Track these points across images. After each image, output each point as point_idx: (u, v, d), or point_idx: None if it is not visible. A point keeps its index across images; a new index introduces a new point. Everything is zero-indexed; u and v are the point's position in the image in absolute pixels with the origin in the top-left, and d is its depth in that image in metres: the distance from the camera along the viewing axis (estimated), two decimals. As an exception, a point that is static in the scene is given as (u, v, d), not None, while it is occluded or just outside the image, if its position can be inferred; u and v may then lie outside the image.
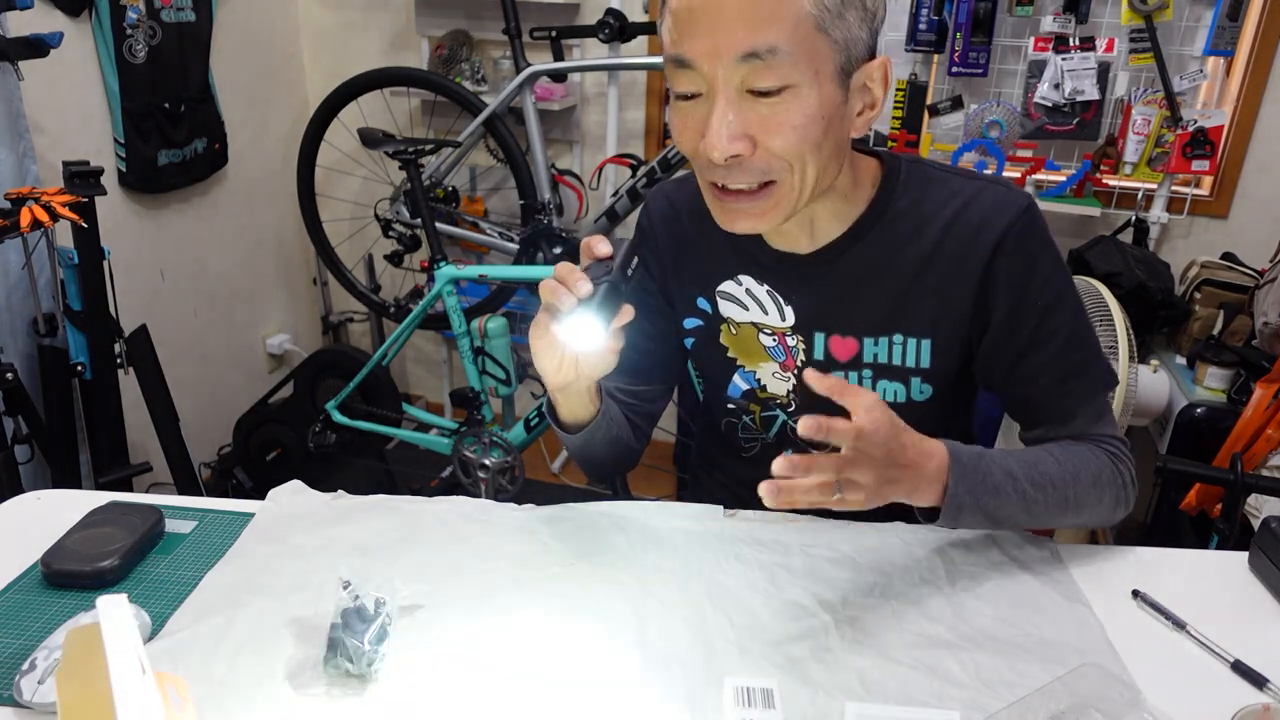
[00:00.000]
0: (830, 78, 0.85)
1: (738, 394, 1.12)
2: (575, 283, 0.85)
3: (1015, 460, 0.92)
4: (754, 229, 0.92)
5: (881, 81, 0.91)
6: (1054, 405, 1.00)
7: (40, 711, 0.75)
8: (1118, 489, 0.98)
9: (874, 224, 0.99)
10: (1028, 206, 0.96)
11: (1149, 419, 2.24)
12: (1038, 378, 0.99)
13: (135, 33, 2.29)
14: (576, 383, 0.97)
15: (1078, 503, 0.95)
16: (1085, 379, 0.99)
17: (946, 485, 0.87)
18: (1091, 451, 0.98)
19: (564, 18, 2.64)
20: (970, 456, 0.89)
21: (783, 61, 0.81)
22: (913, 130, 2.45)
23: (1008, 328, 0.97)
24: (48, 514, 1.02)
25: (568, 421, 1.05)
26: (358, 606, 0.82)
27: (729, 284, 1.07)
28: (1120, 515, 1.01)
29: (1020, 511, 0.92)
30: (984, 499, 0.89)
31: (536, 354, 0.93)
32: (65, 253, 1.93)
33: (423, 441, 2.54)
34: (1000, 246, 0.95)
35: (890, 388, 1.03)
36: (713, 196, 0.92)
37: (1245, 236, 2.37)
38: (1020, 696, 0.76)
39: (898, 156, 1.01)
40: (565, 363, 0.93)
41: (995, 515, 0.91)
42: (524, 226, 2.63)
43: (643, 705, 0.77)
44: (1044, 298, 0.96)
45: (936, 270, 0.98)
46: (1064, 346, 0.97)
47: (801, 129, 0.84)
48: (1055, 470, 0.94)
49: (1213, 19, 2.19)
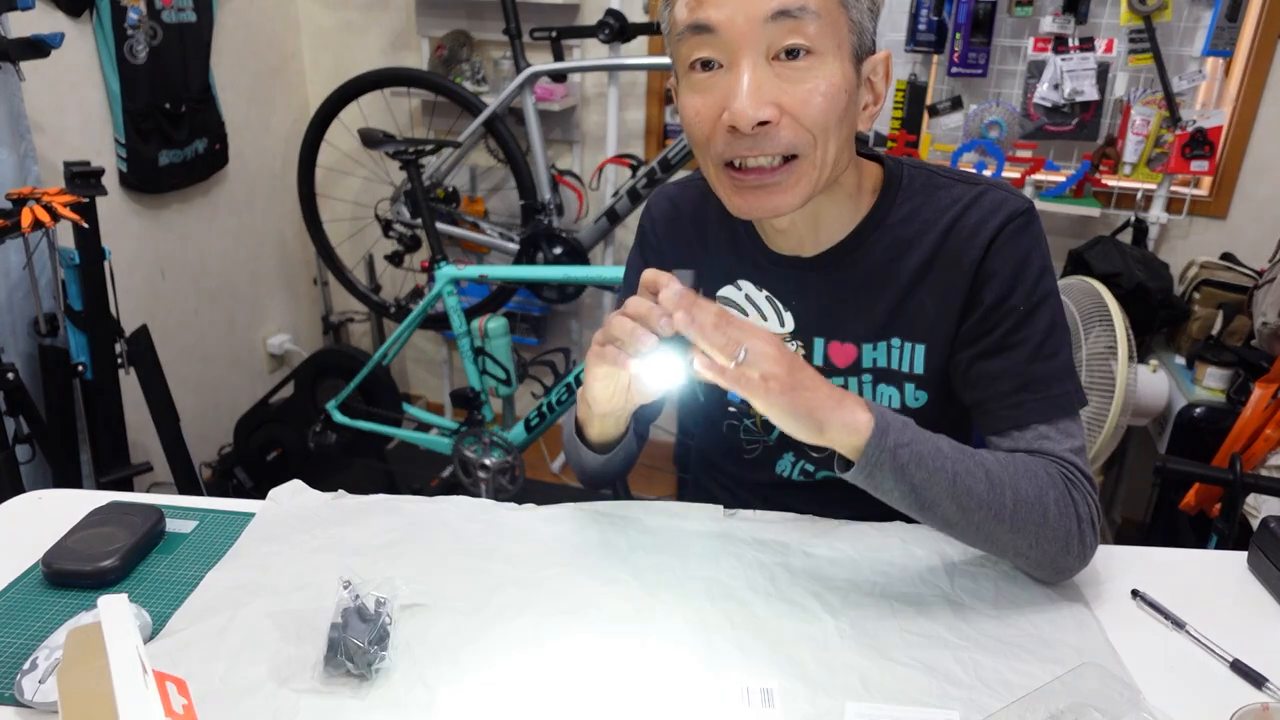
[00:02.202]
0: (848, 56, 0.85)
1: (738, 399, 1.11)
2: (656, 322, 0.81)
3: (949, 443, 0.86)
4: (774, 211, 0.89)
5: (884, 76, 0.91)
6: (1007, 413, 0.93)
7: (41, 711, 0.75)
8: (1068, 519, 0.87)
9: (875, 229, 0.98)
10: (1026, 209, 0.94)
11: (1148, 419, 2.24)
12: (995, 381, 0.94)
13: (136, 33, 2.30)
14: (623, 410, 0.96)
15: (1015, 516, 0.85)
16: (1045, 394, 0.92)
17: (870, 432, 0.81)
18: (1043, 467, 0.89)
19: (564, 18, 2.65)
20: (894, 415, 0.84)
21: (812, 23, 0.81)
22: (912, 130, 2.45)
23: (982, 326, 0.95)
24: (48, 514, 1.02)
25: (596, 442, 1.05)
26: (358, 606, 0.82)
27: (729, 289, 1.06)
28: (1074, 562, 0.89)
29: (946, 497, 0.84)
30: (907, 461, 0.82)
31: (591, 382, 0.91)
32: (66, 253, 1.93)
33: (423, 441, 2.54)
34: (993, 245, 0.94)
35: (888, 393, 1.02)
36: (728, 179, 0.89)
37: (1244, 237, 2.37)
38: (1020, 696, 0.76)
39: (900, 161, 1.00)
40: (618, 391, 0.92)
41: (920, 489, 0.83)
42: (524, 227, 2.63)
43: (643, 705, 0.77)
44: (1026, 302, 0.93)
45: (934, 275, 0.97)
46: (1029, 356, 0.93)
47: (828, 98, 0.84)
48: (994, 467, 0.86)
49: (1212, 19, 2.19)
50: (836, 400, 0.82)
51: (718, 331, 0.79)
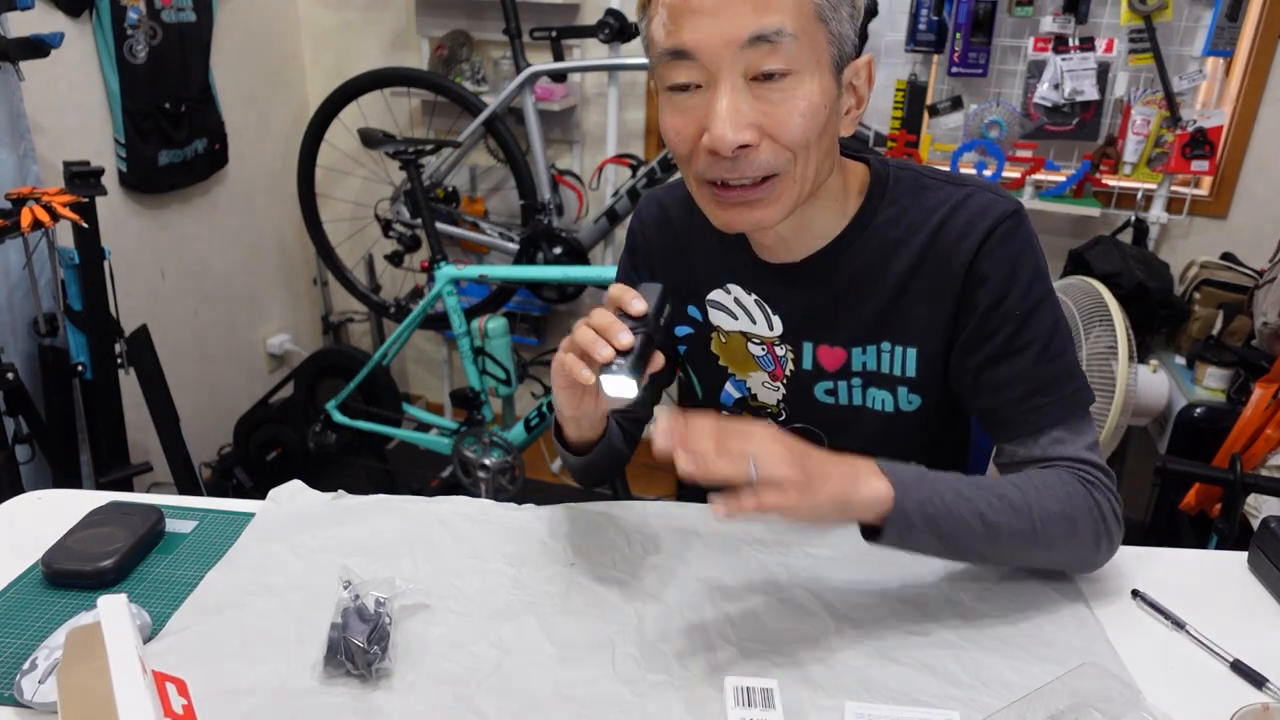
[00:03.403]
0: (828, 69, 0.85)
1: (730, 401, 1.11)
2: (616, 335, 0.82)
3: (965, 482, 0.86)
4: (757, 225, 0.90)
5: (867, 79, 0.91)
6: (1022, 419, 0.93)
7: (41, 711, 0.75)
8: (1095, 521, 0.89)
9: (861, 231, 0.97)
10: (1015, 211, 0.93)
11: (1148, 419, 2.24)
12: (1005, 388, 0.93)
13: (136, 33, 2.30)
14: (593, 413, 0.97)
15: (1046, 534, 0.86)
16: (1056, 395, 0.92)
17: (893, 500, 0.81)
18: (1059, 478, 0.89)
19: (564, 18, 2.64)
20: (908, 470, 0.83)
21: (789, 45, 0.81)
22: (912, 130, 2.45)
23: (982, 332, 0.94)
24: (48, 514, 1.02)
25: (575, 443, 1.05)
26: (358, 606, 0.82)
27: (718, 292, 1.06)
28: (1105, 556, 0.92)
29: (977, 537, 0.85)
30: (934, 513, 0.82)
31: (557, 390, 0.93)
32: (66, 253, 1.93)
33: (423, 441, 2.54)
34: (982, 248, 0.93)
35: (879, 396, 1.02)
36: (710, 196, 0.90)
37: (1244, 236, 2.37)
38: (1020, 696, 0.76)
39: (887, 162, 0.99)
40: (586, 397, 0.92)
41: (950, 536, 0.84)
42: (524, 226, 2.63)
43: (643, 705, 0.77)
44: (1022, 306, 0.92)
45: (923, 277, 0.96)
46: (1036, 359, 0.92)
47: (808, 117, 0.83)
48: (1015, 495, 0.86)
49: (1212, 19, 2.19)
50: (851, 477, 0.81)
51: (723, 459, 0.75)
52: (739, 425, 0.78)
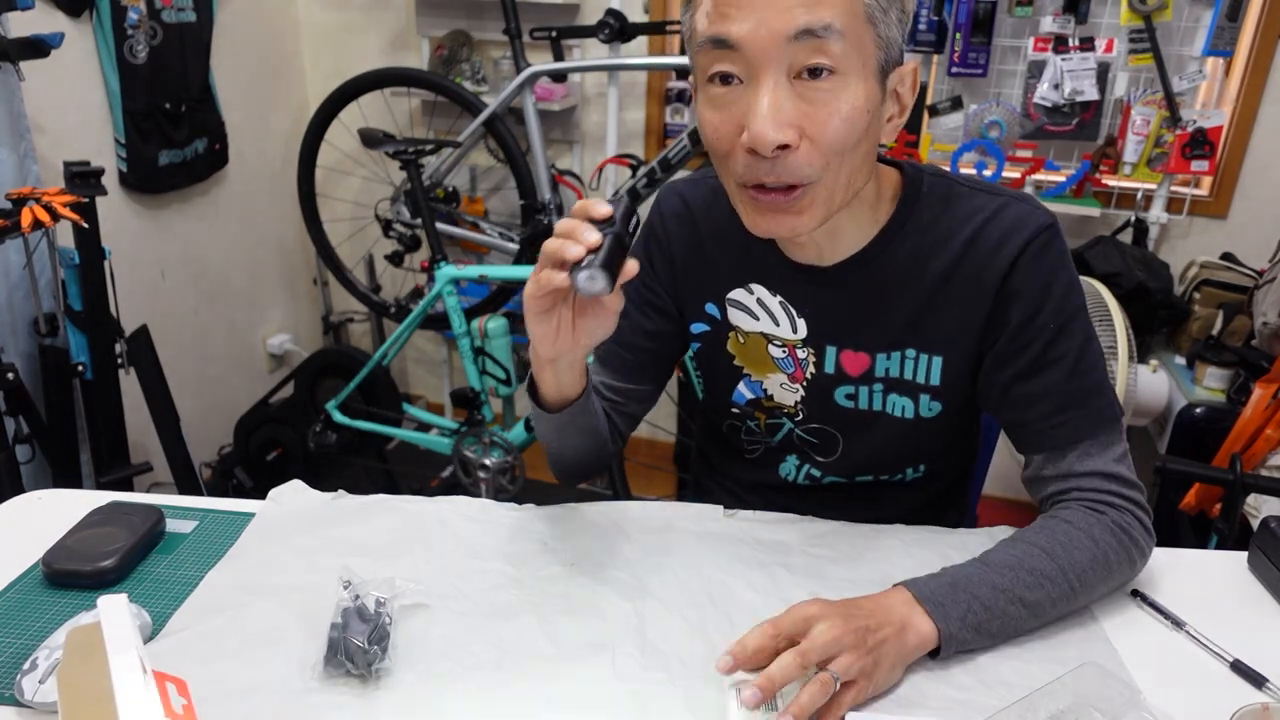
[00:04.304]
0: (874, 74, 0.83)
1: (742, 401, 1.10)
2: (583, 233, 0.80)
3: (995, 568, 0.85)
4: (792, 232, 0.87)
5: (911, 87, 0.89)
6: (1051, 434, 0.94)
7: (41, 711, 0.75)
8: (1124, 547, 0.89)
9: (894, 238, 0.96)
10: (1051, 224, 0.92)
11: (1148, 419, 2.24)
12: (1035, 403, 0.94)
13: (136, 33, 2.30)
14: (571, 353, 0.90)
15: (1084, 586, 0.87)
16: (1086, 410, 0.93)
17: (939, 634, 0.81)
18: (1077, 521, 0.90)
19: (564, 18, 2.65)
20: (939, 587, 0.83)
21: (836, 43, 0.78)
22: (912, 130, 2.45)
23: (1014, 346, 0.94)
24: (48, 514, 1.02)
25: (552, 399, 0.99)
26: (358, 606, 0.82)
27: (739, 292, 1.04)
28: (1141, 567, 0.92)
29: (1025, 619, 0.85)
30: (979, 622, 0.82)
31: (532, 321, 0.86)
32: (66, 253, 1.93)
33: (423, 441, 2.54)
34: (1018, 262, 0.92)
35: (900, 402, 1.01)
36: (748, 200, 0.87)
37: (1244, 236, 2.37)
38: (1020, 696, 0.76)
39: (920, 168, 0.98)
40: (563, 329, 0.86)
41: (999, 633, 0.84)
42: (524, 226, 2.63)
43: (643, 705, 0.77)
44: (1056, 320, 0.92)
45: (954, 287, 0.95)
46: (1068, 374, 0.92)
47: (849, 121, 0.81)
48: (1044, 563, 0.86)
49: (1212, 19, 2.19)
50: (899, 631, 0.80)
51: (818, 688, 0.73)
52: (801, 645, 0.75)
